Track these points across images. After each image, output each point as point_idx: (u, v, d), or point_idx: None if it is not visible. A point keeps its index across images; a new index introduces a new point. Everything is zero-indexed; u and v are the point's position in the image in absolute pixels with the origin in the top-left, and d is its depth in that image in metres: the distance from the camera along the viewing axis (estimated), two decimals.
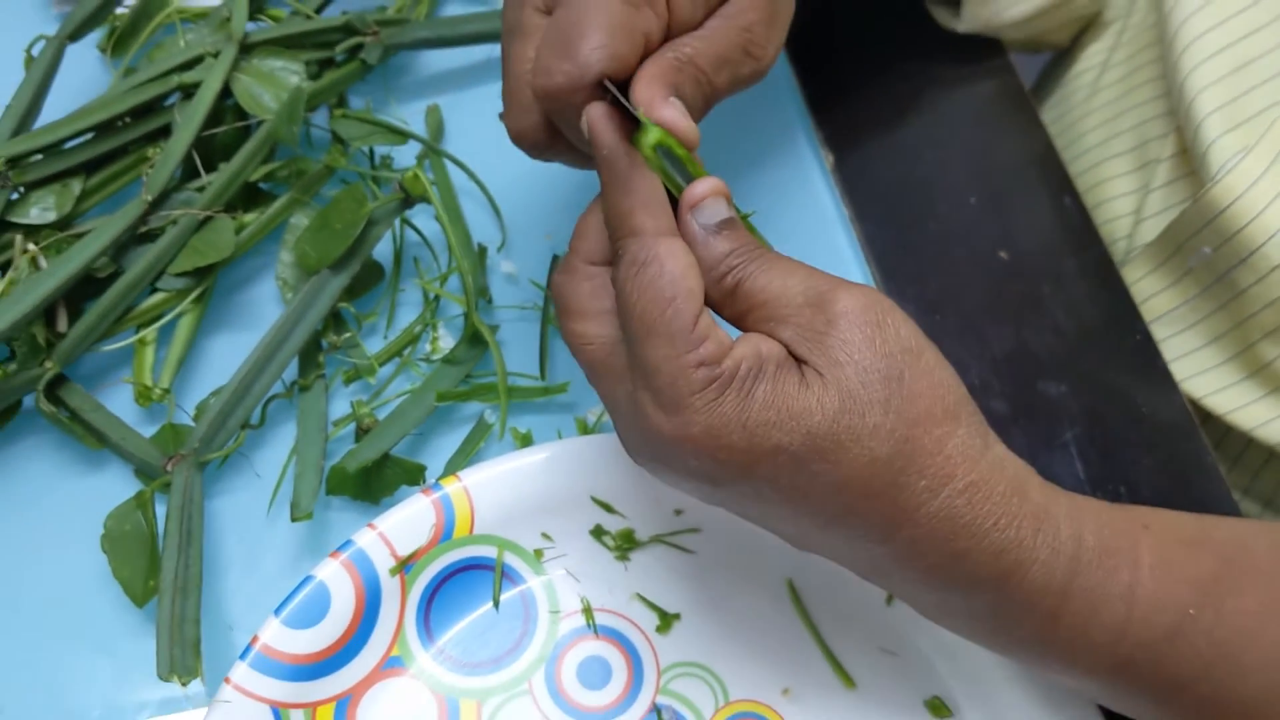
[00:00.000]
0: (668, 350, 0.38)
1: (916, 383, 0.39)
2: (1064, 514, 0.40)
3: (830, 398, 0.38)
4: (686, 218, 0.40)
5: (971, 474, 0.39)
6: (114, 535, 0.51)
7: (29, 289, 0.52)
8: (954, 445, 0.39)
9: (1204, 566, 0.41)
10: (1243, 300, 0.57)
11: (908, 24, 0.69)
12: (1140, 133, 0.65)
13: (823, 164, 0.65)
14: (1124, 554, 0.40)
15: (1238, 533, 0.43)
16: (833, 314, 0.39)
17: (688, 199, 0.40)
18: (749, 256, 0.40)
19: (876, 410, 0.38)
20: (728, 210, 0.41)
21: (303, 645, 0.48)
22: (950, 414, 0.39)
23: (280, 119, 0.56)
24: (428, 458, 0.55)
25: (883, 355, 0.38)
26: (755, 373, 0.38)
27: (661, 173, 0.40)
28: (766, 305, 0.40)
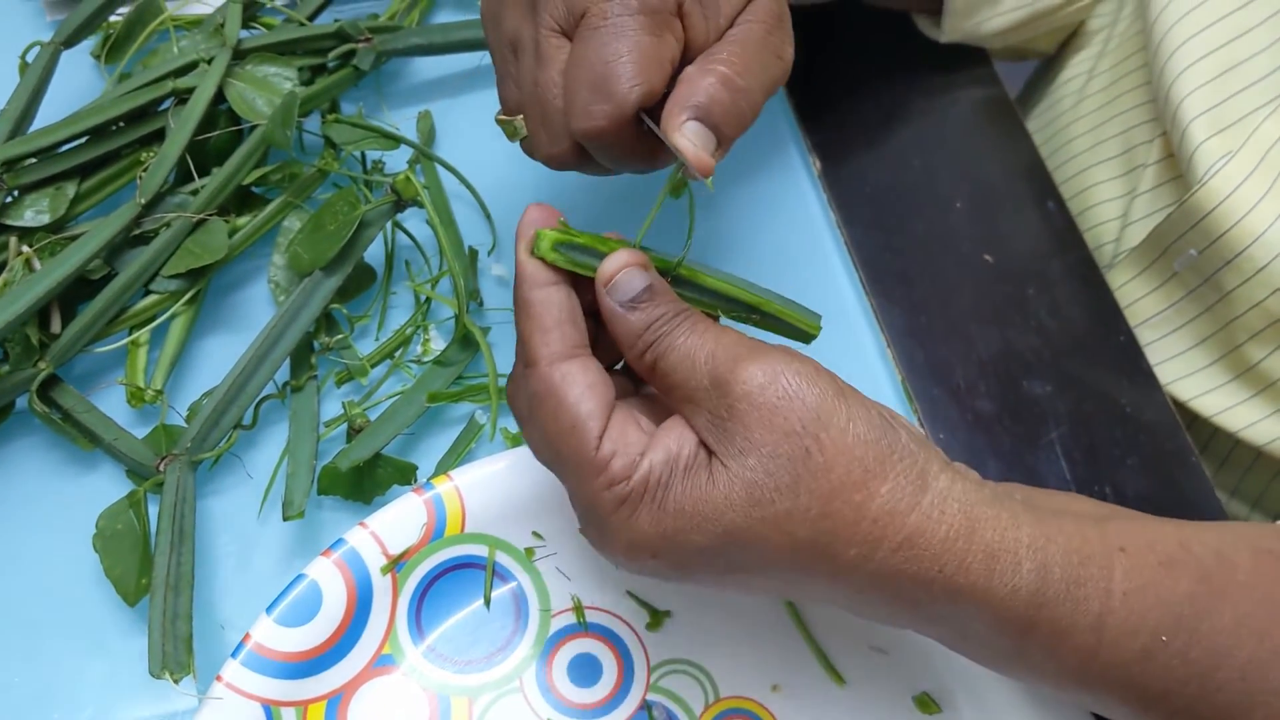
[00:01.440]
0: (577, 478, 0.39)
1: (826, 453, 0.38)
2: (1026, 547, 0.39)
3: (738, 492, 0.38)
4: (601, 298, 0.41)
5: (904, 529, 0.38)
6: (106, 534, 0.51)
7: (23, 290, 0.52)
8: (878, 506, 0.38)
9: (1180, 588, 0.40)
10: (1229, 302, 0.58)
11: (894, 34, 0.70)
12: (1127, 138, 0.66)
13: (811, 170, 0.66)
14: (1094, 583, 0.39)
15: (1219, 544, 0.42)
16: (733, 398, 0.38)
17: (600, 279, 0.41)
18: (665, 330, 0.40)
19: (786, 496, 0.37)
20: (642, 281, 0.41)
21: (294, 643, 0.48)
22: (871, 472, 0.38)
23: (274, 123, 0.57)
24: (419, 458, 0.55)
25: (785, 435, 0.38)
26: (665, 480, 0.39)
27: (571, 265, 0.41)
28: (680, 386, 0.40)
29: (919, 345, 0.60)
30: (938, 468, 0.39)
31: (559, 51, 0.43)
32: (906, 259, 0.63)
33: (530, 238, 0.41)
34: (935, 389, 0.59)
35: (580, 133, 0.42)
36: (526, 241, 0.41)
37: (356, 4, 0.69)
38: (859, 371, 0.60)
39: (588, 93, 0.42)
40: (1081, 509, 0.43)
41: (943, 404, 0.58)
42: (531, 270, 0.41)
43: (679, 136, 0.41)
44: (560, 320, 0.41)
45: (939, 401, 0.59)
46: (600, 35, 0.42)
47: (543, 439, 0.41)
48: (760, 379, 0.38)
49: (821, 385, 0.39)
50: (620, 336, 0.41)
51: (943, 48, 0.69)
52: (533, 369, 0.40)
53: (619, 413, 0.40)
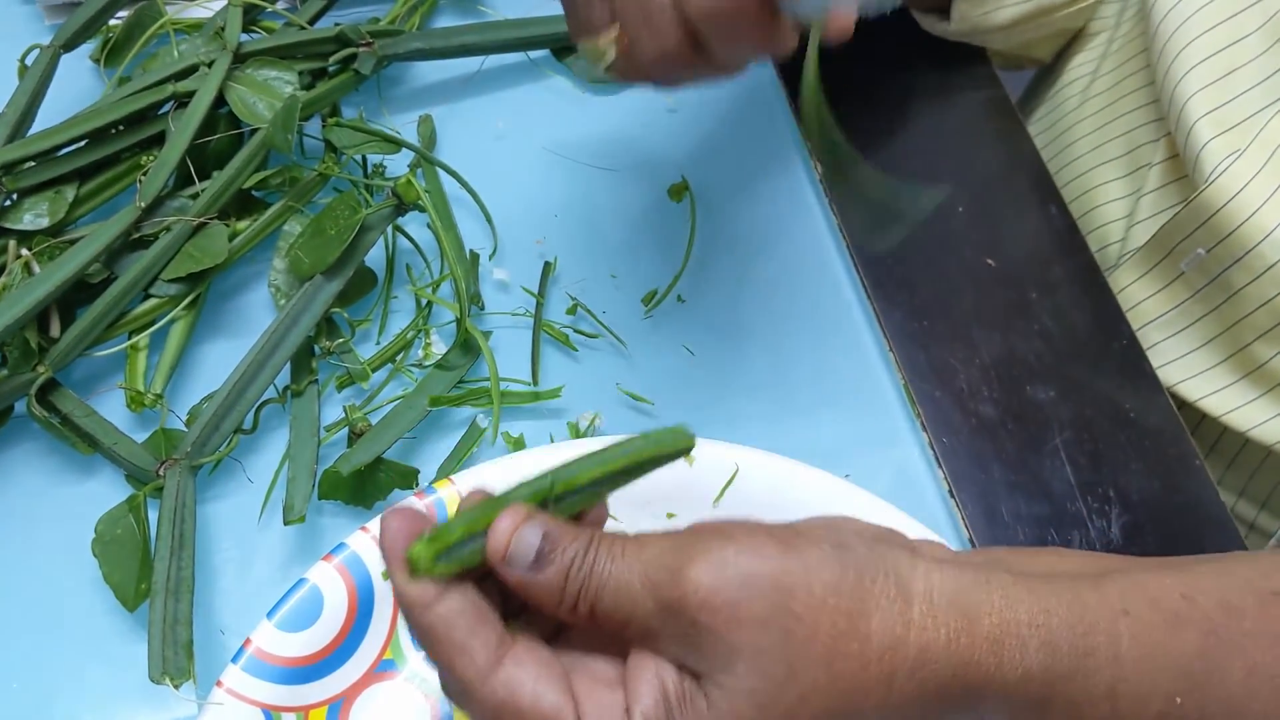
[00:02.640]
0: None
1: (804, 622, 0.35)
2: (1027, 624, 0.37)
3: (742, 706, 0.35)
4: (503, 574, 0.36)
5: (909, 656, 0.36)
6: (105, 540, 0.51)
7: (22, 294, 0.52)
8: (875, 645, 0.35)
9: (1189, 645, 0.39)
10: (1236, 301, 0.58)
11: (896, 38, 0.69)
12: (1131, 139, 0.66)
13: (813, 175, 0.66)
14: (1102, 651, 0.38)
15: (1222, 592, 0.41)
16: (690, 614, 0.35)
17: (492, 558, 0.35)
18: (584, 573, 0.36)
19: (791, 686, 0.35)
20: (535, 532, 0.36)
21: (295, 648, 0.47)
22: (855, 614, 0.35)
23: (275, 127, 0.57)
24: (421, 462, 0.55)
25: (761, 626, 0.35)
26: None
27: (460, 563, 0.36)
28: (629, 624, 0.36)
29: (921, 349, 0.60)
30: (908, 565, 0.37)
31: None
32: (909, 263, 0.63)
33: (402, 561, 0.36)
34: (938, 393, 0.59)
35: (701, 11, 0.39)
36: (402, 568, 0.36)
37: (357, 8, 0.69)
38: (861, 375, 0.60)
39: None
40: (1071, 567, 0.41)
41: (945, 408, 0.58)
42: (416, 595, 0.35)
43: None
44: (471, 629, 0.36)
45: (942, 406, 0.58)
46: None
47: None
48: (707, 580, 0.35)
49: (765, 552, 0.35)
50: (542, 600, 0.36)
51: (943, 51, 0.69)
52: (471, 694, 0.36)
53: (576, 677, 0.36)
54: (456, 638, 0.35)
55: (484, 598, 0.37)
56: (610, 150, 0.66)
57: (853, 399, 0.59)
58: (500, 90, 0.68)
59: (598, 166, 0.65)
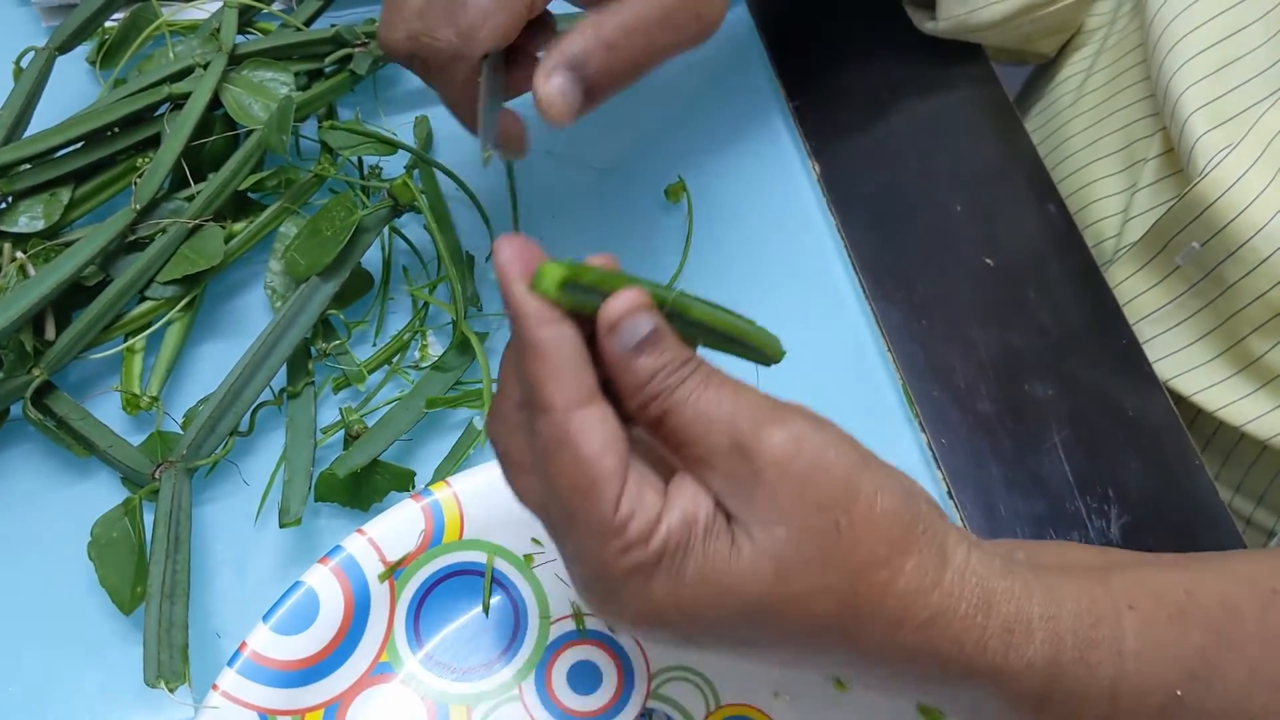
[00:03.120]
0: (589, 541, 0.36)
1: (854, 528, 0.36)
2: (1037, 616, 0.38)
3: (764, 565, 0.35)
4: (604, 342, 0.36)
5: (928, 608, 0.36)
6: (101, 542, 0.51)
7: (17, 297, 0.52)
8: (904, 583, 0.36)
9: (1192, 642, 0.39)
10: (1231, 295, 0.58)
11: (892, 34, 0.69)
12: (1127, 134, 0.66)
13: (810, 173, 0.66)
14: (1106, 645, 0.38)
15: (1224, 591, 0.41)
16: (758, 465, 0.35)
17: (603, 323, 0.36)
18: (674, 382, 0.36)
19: (814, 570, 0.35)
20: (649, 322, 0.36)
21: (291, 651, 0.47)
22: (897, 547, 0.36)
23: (270, 128, 0.57)
24: (417, 464, 0.55)
25: (815, 508, 0.35)
26: (685, 547, 0.35)
27: (574, 305, 0.37)
28: (693, 445, 0.36)
29: (919, 347, 0.60)
30: (955, 539, 0.38)
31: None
32: (906, 261, 0.62)
33: (526, 274, 0.37)
34: (936, 391, 0.59)
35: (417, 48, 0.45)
36: (523, 279, 0.37)
37: (353, 9, 0.68)
38: (860, 374, 0.60)
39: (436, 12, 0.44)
40: (1080, 559, 0.42)
41: (944, 406, 0.58)
42: (536, 307, 0.36)
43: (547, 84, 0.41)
44: (575, 364, 0.36)
45: (940, 404, 0.58)
46: None
47: (551, 493, 0.37)
48: (789, 446, 0.35)
49: (848, 454, 0.36)
50: (624, 385, 0.37)
51: (940, 48, 0.69)
52: (546, 415, 0.36)
53: (633, 469, 0.36)
54: (559, 362, 0.36)
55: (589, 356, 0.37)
56: (607, 151, 0.66)
57: (851, 398, 0.59)
58: None
59: (594, 167, 0.65)
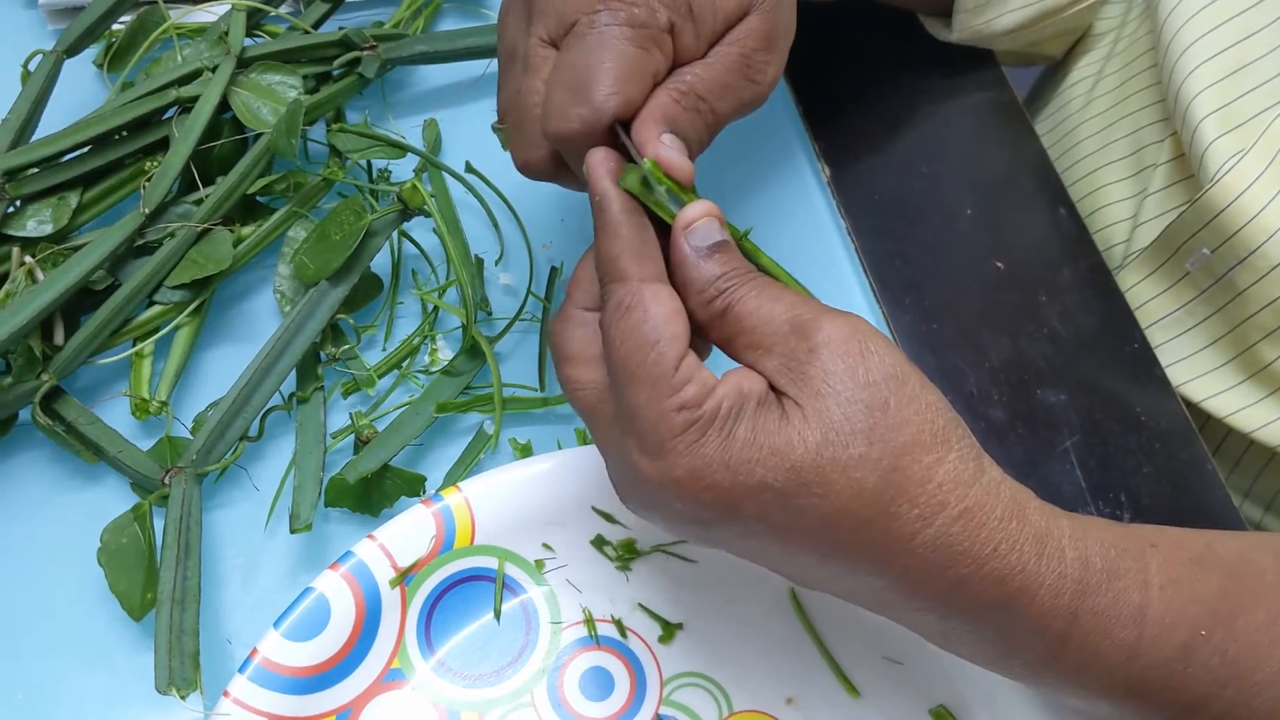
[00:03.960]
0: (649, 395, 0.38)
1: (902, 410, 0.38)
2: (1067, 536, 0.39)
3: (812, 431, 0.37)
4: (679, 240, 0.40)
5: (966, 500, 0.38)
6: (111, 548, 0.51)
7: (26, 302, 0.52)
8: (945, 471, 0.38)
9: (1213, 584, 0.40)
10: (1242, 301, 0.58)
11: (902, 40, 0.69)
12: (1137, 139, 0.66)
13: (820, 178, 0.66)
14: (1133, 575, 0.40)
15: (1242, 547, 0.43)
16: (815, 343, 0.38)
17: (680, 222, 0.40)
18: (739, 280, 0.40)
19: (860, 440, 0.37)
20: (720, 233, 0.40)
21: (302, 658, 0.47)
22: (940, 439, 0.38)
23: (279, 132, 0.56)
24: (427, 469, 0.55)
25: (865, 385, 0.38)
26: (736, 412, 0.38)
27: (654, 204, 0.40)
28: (753, 331, 0.39)
29: (930, 352, 0.60)
30: (989, 460, 0.40)
31: (545, 62, 0.44)
32: (917, 266, 0.62)
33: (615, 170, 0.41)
34: (948, 396, 0.57)
35: (552, 134, 0.42)
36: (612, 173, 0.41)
37: (361, 12, 0.68)
38: None
39: (565, 95, 0.42)
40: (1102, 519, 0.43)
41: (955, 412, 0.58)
42: (621, 195, 0.40)
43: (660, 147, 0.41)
44: (650, 247, 0.40)
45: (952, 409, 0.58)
46: (585, 43, 0.42)
47: (616, 353, 0.39)
48: (844, 331, 0.38)
49: (897, 351, 0.39)
50: (693, 280, 0.40)
51: (950, 52, 0.68)
52: (622, 283, 0.39)
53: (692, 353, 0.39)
54: (637, 242, 0.40)
55: None
56: None
57: None
58: None
59: None
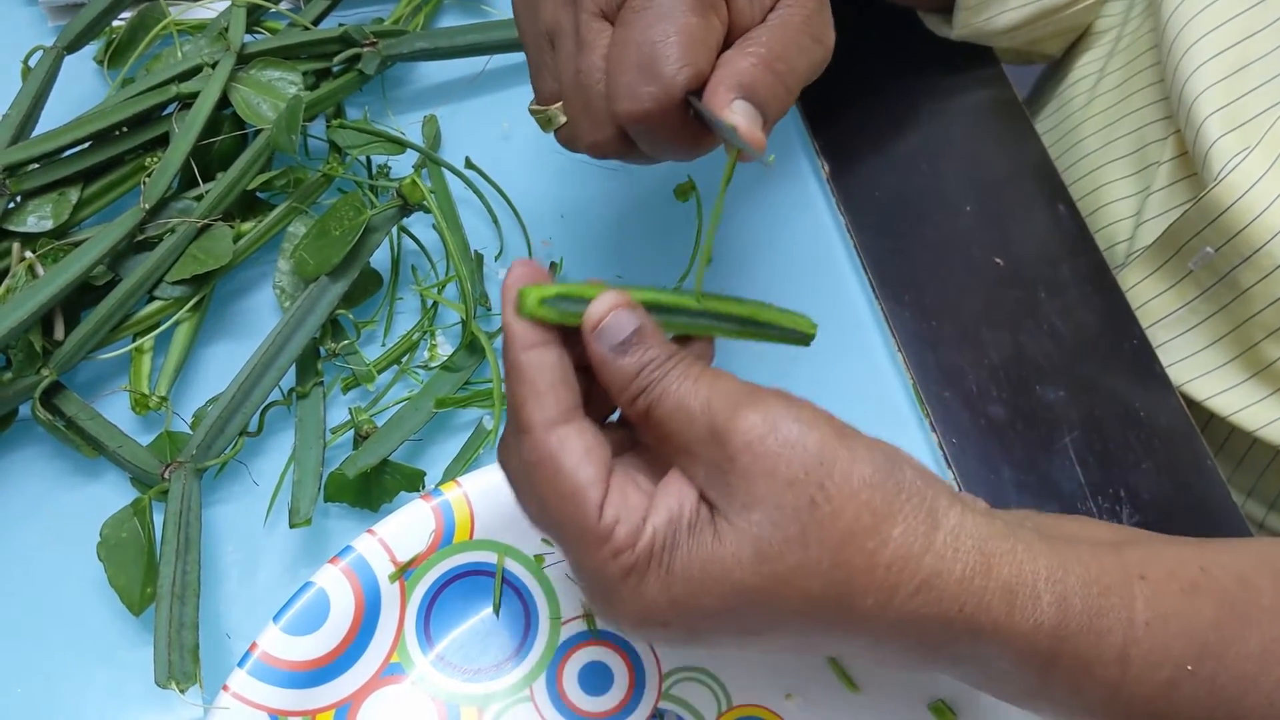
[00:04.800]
0: (580, 550, 0.37)
1: (833, 501, 0.36)
2: (1044, 578, 0.38)
3: (745, 548, 0.36)
4: (589, 343, 0.39)
5: (919, 573, 0.36)
6: (110, 543, 0.51)
7: (26, 297, 0.52)
8: (891, 552, 0.36)
9: (1205, 615, 0.39)
10: (1245, 300, 0.57)
11: (902, 36, 0.69)
12: (1139, 137, 0.66)
13: (819, 174, 0.66)
14: (1116, 612, 0.38)
15: (1240, 567, 0.41)
16: (732, 450, 0.37)
17: (587, 325, 0.39)
18: (657, 375, 0.38)
19: (796, 548, 0.36)
20: (631, 320, 0.39)
21: (302, 652, 0.47)
22: (881, 516, 0.37)
23: (279, 128, 0.56)
24: (427, 464, 0.55)
25: (788, 484, 0.36)
26: (670, 543, 0.37)
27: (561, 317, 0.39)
28: (676, 436, 0.38)
29: (930, 350, 0.60)
30: (946, 503, 0.38)
31: (601, 36, 0.42)
32: (917, 263, 0.62)
33: (515, 298, 0.39)
34: (947, 393, 0.58)
35: (625, 115, 0.41)
36: (512, 302, 0.39)
37: (361, 8, 0.68)
38: (870, 376, 0.60)
39: (634, 75, 0.40)
40: (1095, 534, 0.42)
41: (954, 409, 0.58)
42: (520, 331, 0.39)
43: (731, 114, 0.40)
44: (553, 383, 0.38)
45: (951, 406, 0.58)
46: (645, 17, 0.40)
47: (541, 508, 0.39)
48: (760, 427, 0.37)
49: (822, 429, 0.37)
50: (611, 383, 0.39)
51: (951, 49, 0.68)
52: (527, 435, 0.38)
53: (618, 475, 0.38)
54: (538, 383, 0.38)
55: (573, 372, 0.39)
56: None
57: (861, 400, 0.59)
58: (505, 90, 0.67)
59: (603, 166, 0.65)
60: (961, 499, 0.39)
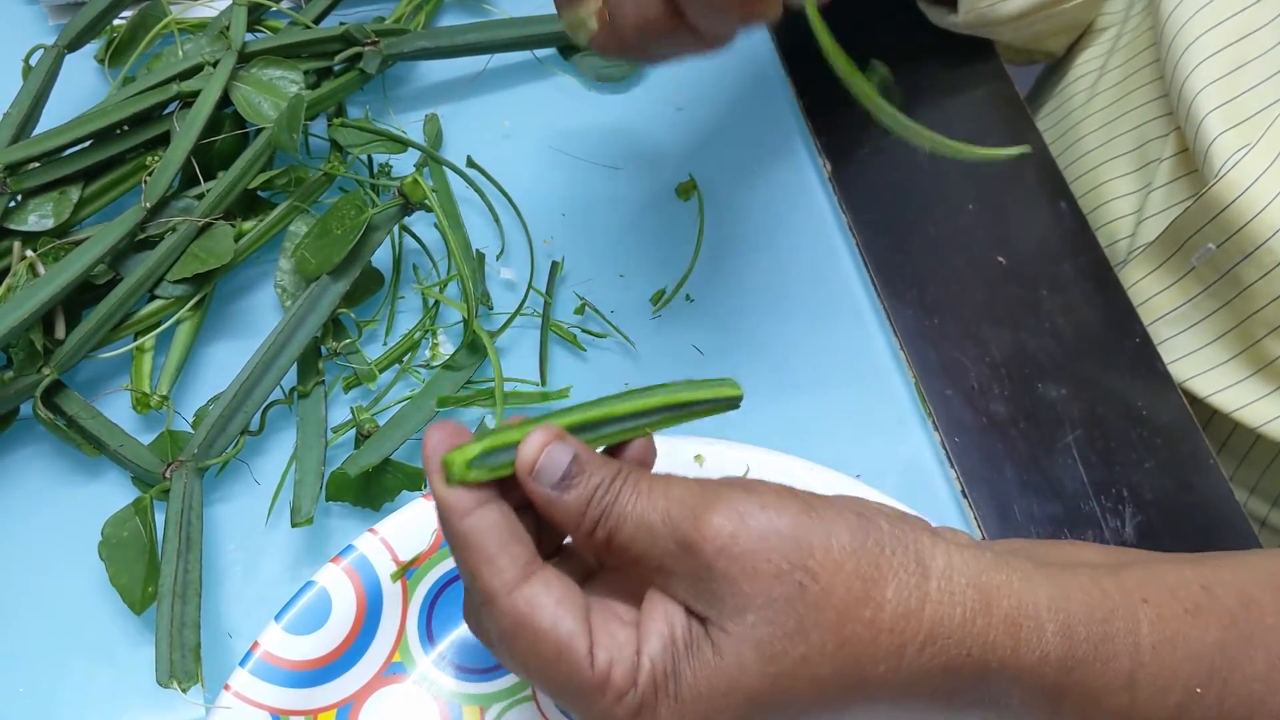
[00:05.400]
0: (582, 704, 0.36)
1: (819, 580, 0.35)
2: (1045, 608, 0.37)
3: (747, 655, 0.35)
4: (529, 489, 0.37)
5: (921, 629, 0.36)
6: (112, 542, 0.51)
7: (27, 296, 0.52)
8: (890, 614, 0.36)
9: (1210, 636, 0.39)
10: (1246, 296, 0.57)
11: (903, 33, 0.69)
12: (1140, 134, 0.66)
13: (821, 172, 0.65)
14: (1121, 639, 0.38)
15: (1242, 585, 0.41)
16: (706, 558, 0.35)
17: (521, 471, 0.37)
18: (608, 501, 0.37)
19: (798, 643, 0.35)
20: (566, 452, 0.37)
21: (304, 651, 0.47)
22: (870, 580, 0.36)
23: (280, 126, 0.56)
24: None
25: (774, 578, 0.35)
26: (672, 670, 0.36)
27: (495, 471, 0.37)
28: (645, 557, 0.37)
29: (932, 347, 0.60)
30: (929, 544, 0.37)
31: None
32: (918, 261, 0.62)
33: (439, 467, 0.37)
34: (948, 391, 0.58)
35: None
36: (439, 473, 0.37)
37: (362, 7, 0.68)
38: (872, 374, 0.60)
39: None
40: (1090, 558, 0.41)
41: (956, 407, 0.58)
42: (453, 501, 0.37)
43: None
44: (503, 542, 0.37)
45: (953, 404, 0.58)
46: None
47: (528, 671, 0.37)
48: (728, 527, 0.35)
49: (789, 510, 0.36)
50: (563, 521, 0.37)
51: (952, 46, 0.68)
52: (493, 605, 0.36)
53: (596, 612, 0.37)
54: (488, 548, 0.36)
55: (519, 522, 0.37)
56: (618, 149, 0.65)
57: (863, 397, 0.59)
58: (506, 89, 0.67)
59: (605, 165, 0.65)
60: (942, 535, 0.38)
